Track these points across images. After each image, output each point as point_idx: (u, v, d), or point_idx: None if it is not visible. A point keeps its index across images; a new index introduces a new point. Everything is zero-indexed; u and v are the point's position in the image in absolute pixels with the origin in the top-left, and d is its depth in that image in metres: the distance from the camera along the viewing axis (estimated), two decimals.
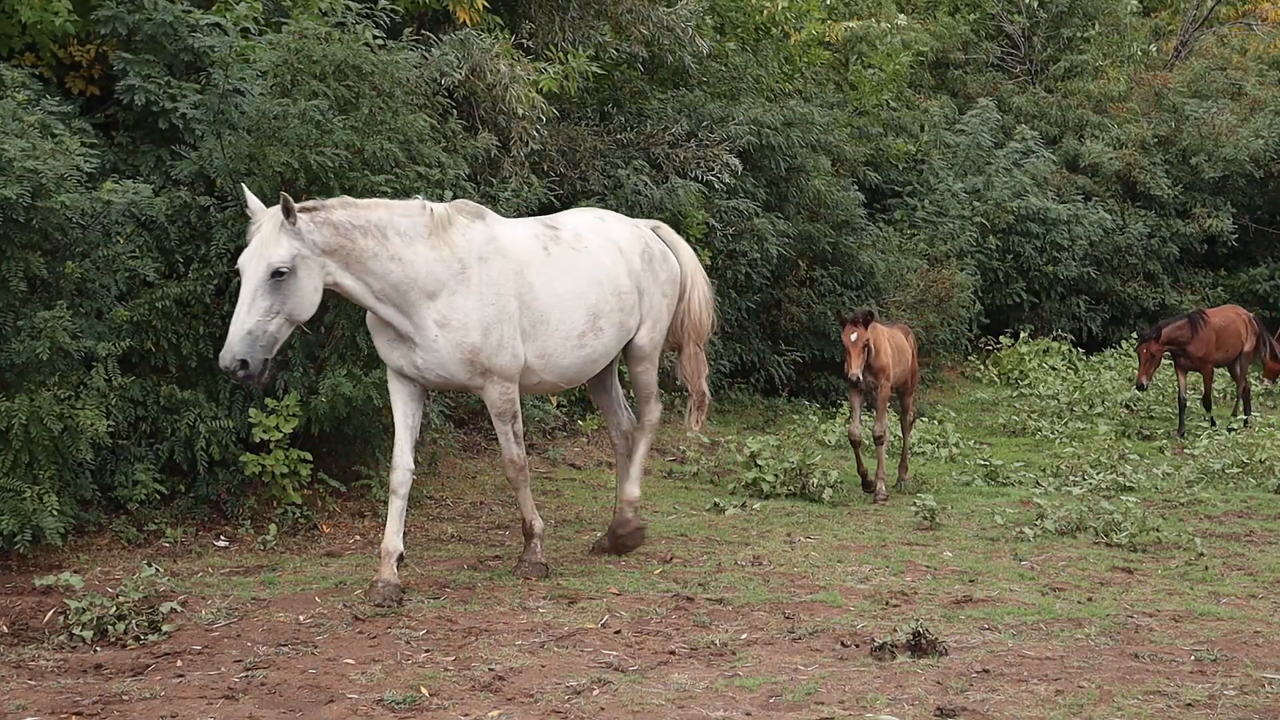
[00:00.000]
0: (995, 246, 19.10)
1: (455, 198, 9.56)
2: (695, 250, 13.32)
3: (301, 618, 6.49)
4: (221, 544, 7.92)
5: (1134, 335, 18.54)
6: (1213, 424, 14.39)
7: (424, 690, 5.38)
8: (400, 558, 6.99)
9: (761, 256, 14.20)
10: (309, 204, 6.57)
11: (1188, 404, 14.76)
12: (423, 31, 11.34)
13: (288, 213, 6.29)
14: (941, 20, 24.59)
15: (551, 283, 7.17)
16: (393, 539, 6.92)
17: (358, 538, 8.38)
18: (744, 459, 11.03)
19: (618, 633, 6.34)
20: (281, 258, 6.28)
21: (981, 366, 18.72)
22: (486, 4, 11.87)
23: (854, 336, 10.31)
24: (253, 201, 6.50)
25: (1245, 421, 14.37)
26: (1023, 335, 18.97)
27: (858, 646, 6.03)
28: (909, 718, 5.03)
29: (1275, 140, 21.57)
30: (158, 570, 6.87)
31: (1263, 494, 10.87)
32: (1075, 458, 12.33)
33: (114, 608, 6.22)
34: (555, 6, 13.30)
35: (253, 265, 6.29)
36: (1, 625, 6.30)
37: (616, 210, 12.60)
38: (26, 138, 7.38)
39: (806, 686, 5.40)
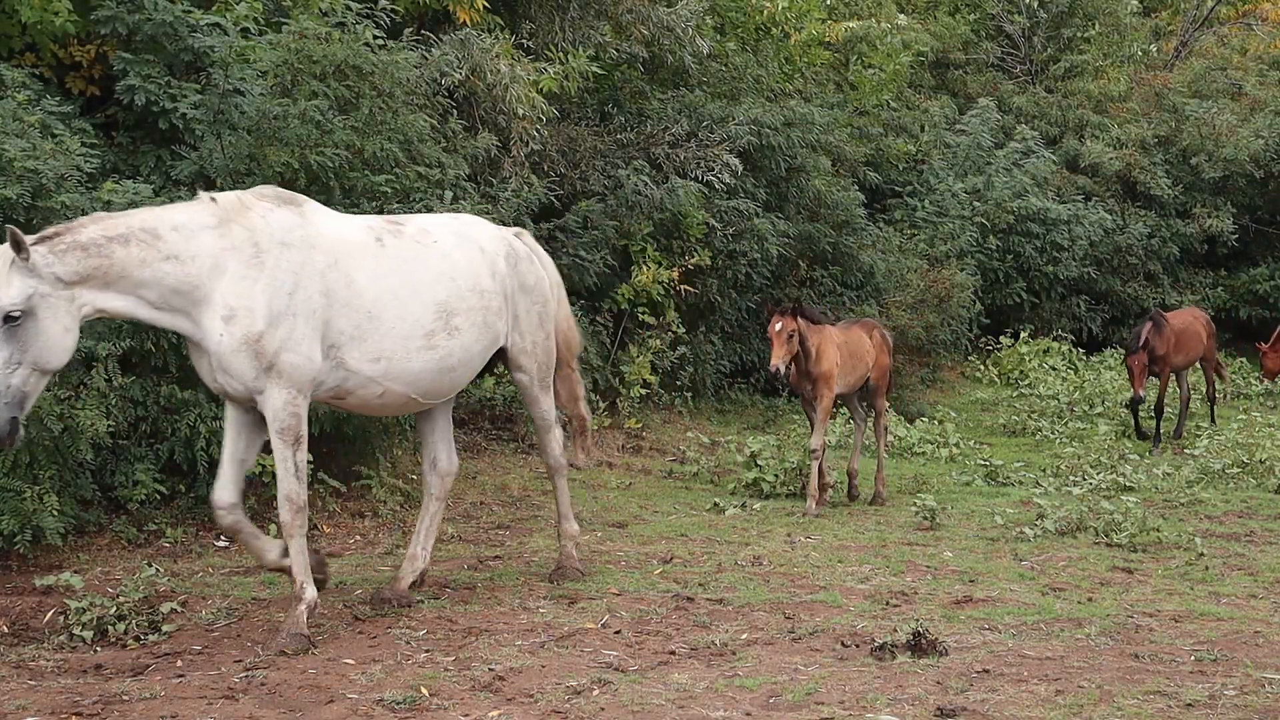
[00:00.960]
0: (995, 247, 19.10)
1: (455, 198, 9.58)
2: (696, 250, 13.43)
3: None
4: (222, 544, 7.92)
5: None
6: (1156, 438, 13.90)
7: (424, 690, 5.37)
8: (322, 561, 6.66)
9: (761, 256, 14.21)
10: (49, 231, 5.73)
11: (1165, 406, 14.60)
12: (423, 31, 11.35)
13: (18, 248, 5.46)
14: (941, 20, 24.60)
15: (384, 276, 6.33)
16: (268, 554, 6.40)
17: (358, 538, 8.39)
18: (744, 459, 11.04)
19: (618, 633, 6.34)
20: (12, 300, 5.43)
21: (982, 366, 18.73)
22: (486, 4, 11.88)
23: (778, 326, 9.50)
24: None
25: (1179, 431, 14.18)
26: (1023, 335, 18.98)
27: (858, 646, 6.03)
28: (909, 718, 5.03)
29: (1275, 140, 21.57)
30: (158, 570, 6.88)
31: (1263, 494, 10.88)
32: (1075, 458, 12.33)
33: (114, 608, 6.22)
34: (555, 6, 13.31)
35: None
36: (2, 625, 6.30)
37: (616, 210, 12.66)
38: (27, 138, 7.39)
39: (806, 686, 5.40)
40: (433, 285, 6.50)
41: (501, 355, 7.13)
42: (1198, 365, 15.12)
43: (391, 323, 6.32)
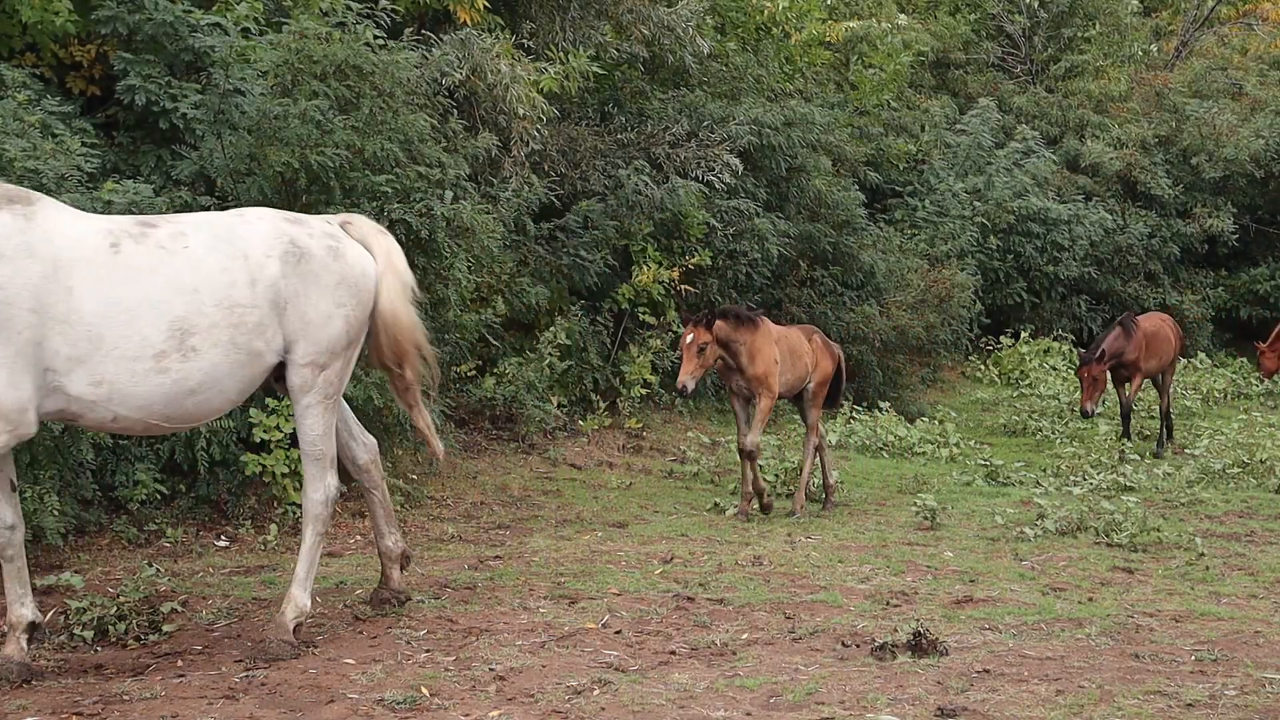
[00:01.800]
0: (996, 246, 19.12)
1: (456, 198, 9.57)
2: (696, 250, 13.41)
3: None
4: (222, 544, 7.92)
5: None
6: (1126, 443, 13.61)
7: (424, 690, 5.37)
8: (34, 625, 5.76)
9: (762, 256, 14.21)
10: None
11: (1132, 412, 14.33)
12: (423, 31, 11.35)
13: None
14: (942, 20, 24.63)
15: (111, 289, 5.51)
16: (16, 607, 5.70)
17: (358, 538, 8.38)
18: None
19: (618, 633, 6.34)
20: None
21: (982, 366, 18.74)
22: (487, 4, 11.88)
23: (689, 339, 8.93)
24: None
25: (1157, 451, 13.74)
26: (1023, 335, 18.99)
27: (858, 646, 6.03)
28: (909, 718, 5.02)
29: (1276, 140, 21.59)
30: (158, 570, 6.88)
31: (1263, 494, 10.88)
32: (1076, 458, 12.34)
33: (115, 608, 6.22)
34: (556, 6, 13.31)
35: None
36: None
37: (616, 210, 12.65)
38: (27, 138, 7.40)
39: (807, 686, 5.40)
40: (169, 300, 5.66)
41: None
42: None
43: (114, 342, 5.53)
